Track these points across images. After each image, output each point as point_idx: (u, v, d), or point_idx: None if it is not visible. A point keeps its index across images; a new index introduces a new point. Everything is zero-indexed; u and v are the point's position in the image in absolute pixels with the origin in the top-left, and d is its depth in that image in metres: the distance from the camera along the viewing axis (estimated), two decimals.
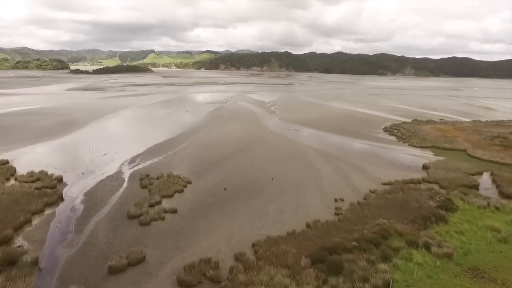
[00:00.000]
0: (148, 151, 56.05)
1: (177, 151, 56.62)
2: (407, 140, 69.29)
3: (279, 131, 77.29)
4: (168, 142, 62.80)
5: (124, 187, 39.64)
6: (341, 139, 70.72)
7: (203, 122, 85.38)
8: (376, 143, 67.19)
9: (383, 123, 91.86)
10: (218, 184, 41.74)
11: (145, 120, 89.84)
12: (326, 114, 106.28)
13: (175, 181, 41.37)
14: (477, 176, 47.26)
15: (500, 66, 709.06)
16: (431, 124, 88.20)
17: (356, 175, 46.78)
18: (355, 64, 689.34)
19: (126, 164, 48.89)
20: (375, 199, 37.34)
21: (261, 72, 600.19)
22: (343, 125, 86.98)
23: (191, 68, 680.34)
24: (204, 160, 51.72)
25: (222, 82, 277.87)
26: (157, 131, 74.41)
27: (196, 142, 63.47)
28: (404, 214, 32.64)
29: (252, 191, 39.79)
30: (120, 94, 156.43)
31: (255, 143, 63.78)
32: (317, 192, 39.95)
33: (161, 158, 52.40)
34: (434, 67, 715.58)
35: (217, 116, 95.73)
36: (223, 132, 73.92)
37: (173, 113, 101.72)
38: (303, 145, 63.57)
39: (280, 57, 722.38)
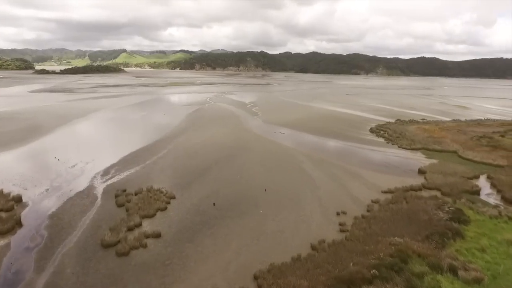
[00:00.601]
0: (124, 161, 50.46)
1: (156, 160, 51.39)
2: (395, 142, 67.61)
3: (265, 134, 73.49)
4: (146, 150, 57.32)
5: (97, 207, 34.29)
6: (330, 142, 67.97)
7: (183, 126, 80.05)
8: (366, 146, 64.93)
9: (367, 124, 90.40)
10: (206, 198, 37.25)
11: (119, 124, 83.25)
12: (309, 115, 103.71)
13: (157, 197, 36.48)
14: (474, 179, 45.74)
15: (465, 66, 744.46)
16: (416, 124, 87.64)
17: (353, 182, 43.79)
18: (330, 63, 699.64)
19: (98, 177, 43.25)
20: (379, 211, 34.29)
21: (238, 72, 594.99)
22: (329, 127, 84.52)
23: (165, 68, 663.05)
24: (187, 170, 46.94)
25: (199, 82, 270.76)
26: (132, 137, 68.49)
27: (177, 149, 58.40)
28: (415, 229, 29.71)
29: (245, 205, 35.65)
30: (90, 96, 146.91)
31: (241, 149, 59.60)
32: (316, 204, 36.42)
33: (139, 168, 47.06)
34: (404, 66, 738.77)
35: (197, 119, 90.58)
36: (205, 137, 69.12)
37: (149, 116, 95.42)
38: (292, 150, 60.11)
39: (256, 57, 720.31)
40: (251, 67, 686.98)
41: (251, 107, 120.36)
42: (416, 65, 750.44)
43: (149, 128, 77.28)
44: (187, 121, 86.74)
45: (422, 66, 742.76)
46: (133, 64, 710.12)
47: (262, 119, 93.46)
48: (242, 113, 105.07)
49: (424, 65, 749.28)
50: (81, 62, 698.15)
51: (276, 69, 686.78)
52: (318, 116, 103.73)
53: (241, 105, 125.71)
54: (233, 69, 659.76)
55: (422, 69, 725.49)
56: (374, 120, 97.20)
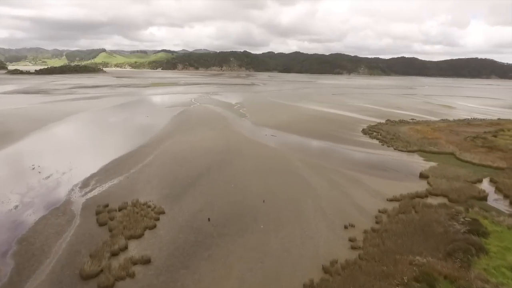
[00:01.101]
0: (105, 170, 45.97)
1: (141, 168, 47.15)
2: (391, 144, 65.77)
3: (255, 137, 70.18)
4: (129, 157, 52.90)
5: (75, 226, 30.04)
6: (324, 145, 65.40)
7: (168, 129, 75.64)
8: (362, 149, 62.73)
9: (358, 125, 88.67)
10: (199, 212, 33.59)
11: (100, 128, 77.94)
12: (298, 116, 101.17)
13: (144, 212, 32.54)
14: (478, 183, 44.10)
15: (442, 66, 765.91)
16: (407, 125, 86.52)
17: (355, 189, 41.13)
18: (313, 63, 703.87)
19: (77, 190, 38.77)
20: (390, 222, 31.64)
21: (221, 72, 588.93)
22: (321, 129, 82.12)
23: (146, 68, 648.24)
24: (177, 179, 43.04)
25: (182, 82, 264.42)
26: (114, 142, 63.74)
27: (163, 155, 54.24)
28: (433, 244, 27.18)
29: (243, 220, 32.24)
30: (68, 97, 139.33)
31: (233, 154, 56.06)
32: (320, 216, 33.43)
33: (122, 179, 42.77)
34: (385, 66, 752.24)
35: (183, 122, 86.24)
36: (193, 141, 65.13)
37: (131, 119, 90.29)
38: (286, 154, 57.09)
39: (240, 57, 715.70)
40: (234, 67, 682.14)
41: (238, 108, 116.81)
42: (396, 65, 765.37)
43: (132, 132, 72.52)
44: (173, 124, 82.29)
45: (402, 66, 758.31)
46: (113, 64, 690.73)
47: (251, 121, 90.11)
48: (230, 114, 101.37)
49: (404, 65, 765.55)
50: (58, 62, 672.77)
51: (260, 69, 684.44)
52: (307, 117, 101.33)
53: (227, 106, 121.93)
54: (216, 69, 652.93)
55: (402, 68, 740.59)
56: (364, 121, 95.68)
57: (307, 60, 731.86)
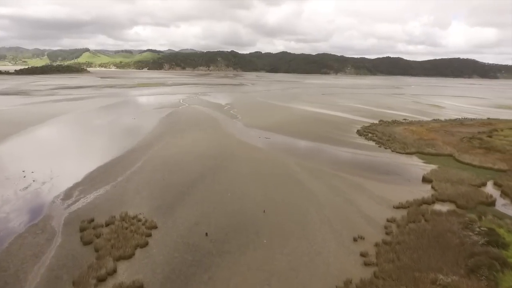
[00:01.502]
0: (90, 178, 42.49)
1: (129, 176, 43.84)
2: (387, 146, 64.27)
3: (249, 140, 67.53)
4: (116, 163, 49.44)
5: (56, 246, 26.78)
6: (320, 147, 63.30)
7: (157, 132, 72.16)
8: (359, 151, 60.93)
9: (352, 126, 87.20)
10: (195, 226, 30.75)
11: (84, 132, 73.78)
12: (291, 117, 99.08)
13: (134, 228, 29.50)
14: (482, 187, 42.74)
15: (426, 66, 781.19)
16: (401, 126, 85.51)
17: (359, 196, 39.04)
18: (300, 63, 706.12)
19: (58, 202, 35.29)
20: (401, 233, 29.55)
21: (208, 72, 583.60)
22: (315, 130, 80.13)
23: (132, 68, 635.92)
24: (168, 188, 40.00)
25: (169, 83, 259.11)
26: (99, 147, 60.02)
27: (153, 161, 50.98)
28: (451, 258, 25.20)
29: (244, 234, 29.59)
30: (49, 98, 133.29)
31: (226, 159, 53.26)
32: (326, 227, 31.09)
33: (109, 188, 39.44)
34: (371, 66, 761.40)
35: (173, 124, 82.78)
36: (184, 144, 61.98)
37: (118, 121, 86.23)
38: (282, 158, 54.67)
39: (227, 57, 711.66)
40: (221, 67, 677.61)
41: (229, 109, 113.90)
42: (381, 64, 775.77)
43: (119, 136, 68.78)
44: (162, 126, 78.76)
45: (387, 65, 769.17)
46: (97, 64, 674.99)
47: (243, 123, 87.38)
48: (220, 116, 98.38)
49: (389, 64, 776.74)
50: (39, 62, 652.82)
51: (247, 68, 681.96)
52: (299, 118, 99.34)
53: (217, 107, 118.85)
54: (204, 69, 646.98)
55: (387, 68, 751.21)
56: (357, 122, 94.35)
57: (294, 60, 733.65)
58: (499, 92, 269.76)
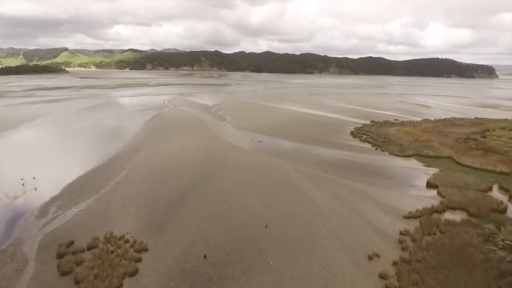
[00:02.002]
0: (69, 191, 38.21)
1: (114, 187, 39.77)
2: (384, 148, 62.38)
3: (241, 144, 64.23)
4: (99, 172, 45.15)
5: (28, 278, 22.77)
6: (316, 151, 60.69)
7: (142, 136, 67.78)
8: (356, 154, 58.66)
9: (345, 127, 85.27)
10: (191, 247, 27.27)
11: (62, 137, 68.56)
12: (281, 119, 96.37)
13: (121, 251, 25.79)
14: (489, 192, 41.10)
15: (407, 66, 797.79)
16: (394, 126, 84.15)
17: (365, 205, 36.47)
18: (285, 63, 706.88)
19: (32, 221, 31.02)
20: (419, 249, 27.03)
21: (192, 72, 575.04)
22: (307, 132, 77.62)
23: (113, 68, 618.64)
24: (158, 201, 36.25)
25: (153, 83, 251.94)
26: (80, 154, 55.33)
27: (139, 169, 46.93)
28: (480, 278, 22.82)
29: (247, 254, 26.37)
30: (24, 100, 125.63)
31: (219, 165, 49.80)
32: (336, 244, 28.25)
33: (91, 202, 35.33)
34: (354, 66, 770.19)
35: (158, 127, 78.41)
36: (172, 150, 58.05)
37: (99, 125, 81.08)
38: (278, 163, 51.67)
39: (211, 56, 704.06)
40: (205, 66, 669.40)
41: (216, 110, 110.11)
42: (364, 64, 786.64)
43: (101, 141, 64.08)
44: (147, 130, 74.30)
45: (370, 65, 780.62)
46: (76, 64, 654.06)
47: (232, 125, 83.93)
48: (209, 118, 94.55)
49: (372, 64, 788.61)
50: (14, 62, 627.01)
51: (232, 68, 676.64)
52: (290, 119, 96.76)
53: (204, 108, 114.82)
54: (187, 69, 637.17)
55: (370, 68, 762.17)
56: (349, 122, 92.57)
57: (279, 60, 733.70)
58: (478, 91, 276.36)
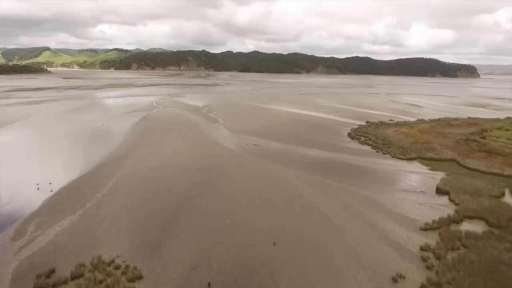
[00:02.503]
0: (51, 205, 34.23)
1: (101, 200, 35.96)
2: (385, 150, 60.20)
3: (236, 148, 60.98)
4: (84, 182, 41.18)
5: None
6: (316, 155, 57.98)
7: (131, 141, 63.67)
8: (357, 157, 56.22)
9: (341, 128, 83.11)
10: (192, 272, 23.94)
11: (43, 143, 63.79)
12: (275, 120, 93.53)
13: (112, 280, 22.28)
14: (502, 198, 39.19)
15: (393, 65, 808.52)
16: (391, 128, 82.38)
17: (377, 215, 33.85)
18: (272, 63, 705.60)
19: (6, 243, 27.05)
20: (446, 268, 24.47)
21: (179, 72, 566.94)
22: (303, 134, 74.98)
23: (98, 68, 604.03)
24: (151, 216, 32.70)
25: (139, 83, 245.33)
26: (62, 161, 51.03)
27: (129, 178, 43.12)
28: None
29: (257, 280, 23.23)
30: (3, 102, 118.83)
31: (216, 172, 46.44)
32: (355, 264, 25.40)
33: (76, 219, 31.51)
34: (341, 65, 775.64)
35: (148, 130, 74.29)
36: (163, 156, 54.30)
37: (84, 128, 76.34)
38: (278, 169, 48.69)
39: (198, 56, 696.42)
40: (193, 66, 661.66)
41: (207, 111, 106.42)
42: (351, 64, 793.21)
43: (86, 147, 59.71)
44: (136, 134, 70.13)
45: (356, 65, 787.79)
46: (58, 64, 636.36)
47: (226, 127, 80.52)
48: (200, 119, 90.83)
49: (358, 64, 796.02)
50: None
51: (219, 68, 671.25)
52: (284, 120, 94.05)
53: (195, 109, 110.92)
54: (174, 69, 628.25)
55: (356, 67, 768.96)
56: (344, 123, 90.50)
57: (266, 60, 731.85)
58: (464, 91, 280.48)
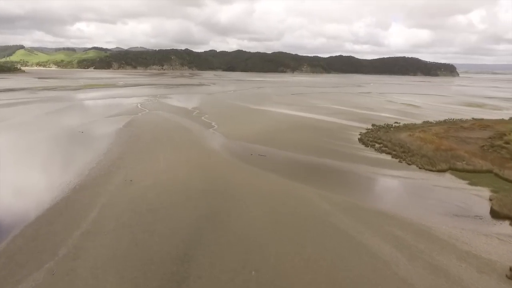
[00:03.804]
0: (7, 257, 25.02)
1: (79, 244, 26.95)
2: (409, 160, 53.32)
3: (240, 160, 52.62)
4: (56, 215, 31.93)
5: None
6: (332, 166, 50.31)
7: (115, 153, 54.23)
8: (381, 170, 49.01)
9: (348, 133, 76.20)
10: None
11: (3, 158, 53.39)
12: (275, 124, 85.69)
13: None
14: None
15: (376, 64, 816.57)
16: (403, 131, 75.86)
17: (443, 257, 26.44)
18: (257, 62, 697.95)
19: None
20: None
21: (163, 71, 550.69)
22: (310, 140, 67.45)
23: (76, 68, 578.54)
24: (149, 267, 24.09)
25: (121, 83, 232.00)
26: (27, 184, 41.30)
27: (116, 207, 34.11)
28: None
29: None
30: None
31: (223, 196, 38.02)
32: None
33: (42, 279, 22.45)
34: (325, 64, 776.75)
35: (135, 138, 64.80)
36: (156, 172, 45.33)
37: (58, 137, 66.04)
38: (297, 188, 40.74)
39: (181, 55, 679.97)
40: (176, 65, 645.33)
41: (198, 114, 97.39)
42: (335, 63, 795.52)
43: (60, 162, 49.96)
44: (121, 143, 60.57)
45: (340, 64, 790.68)
46: (34, 63, 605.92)
47: (222, 133, 71.96)
48: (192, 124, 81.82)
49: (342, 63, 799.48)
50: None
51: (203, 67, 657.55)
52: (284, 124, 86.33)
53: (184, 112, 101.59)
54: (157, 68, 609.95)
55: (340, 66, 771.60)
56: (350, 127, 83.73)
57: (251, 59, 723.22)
58: (451, 89, 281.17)
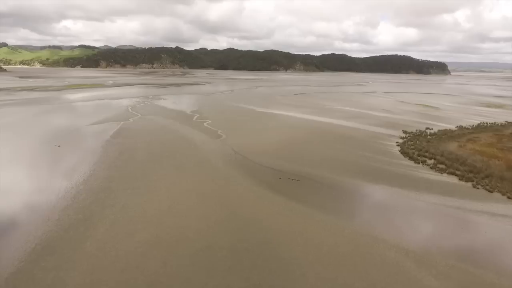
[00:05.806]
0: None
1: None
2: (484, 184, 41.52)
3: (269, 188, 39.82)
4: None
5: None
6: (390, 196, 38.10)
7: (100, 178, 40.81)
8: (460, 202, 36.91)
9: (381, 142, 64.32)
10: None
11: None
12: (291, 132, 73.15)
13: None
14: None
15: (369, 62, 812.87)
16: (447, 141, 64.04)
17: None
18: (249, 60, 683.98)
19: None
20: None
21: (153, 70, 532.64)
22: (343, 155, 55.20)
23: (62, 66, 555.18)
24: None
25: (110, 83, 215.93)
26: None
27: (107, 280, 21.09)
28: None
29: None
30: None
31: (263, 257, 25.27)
32: None
33: None
34: (318, 62, 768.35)
35: (125, 156, 51.33)
36: (158, 213, 32.25)
37: (26, 153, 52.13)
38: (366, 236, 28.26)
39: (172, 53, 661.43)
40: (167, 64, 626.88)
41: (200, 120, 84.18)
42: (328, 61, 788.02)
43: (26, 196, 36.32)
44: (108, 164, 47.07)
45: (333, 62, 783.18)
46: (17, 62, 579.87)
47: (233, 146, 58.99)
48: (195, 134, 68.60)
49: (335, 61, 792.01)
50: None
51: (194, 66, 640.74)
52: (303, 132, 73.86)
53: (183, 117, 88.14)
54: (147, 66, 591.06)
55: (334, 64, 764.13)
56: (378, 134, 71.83)
57: (243, 57, 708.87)
58: (453, 88, 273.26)
